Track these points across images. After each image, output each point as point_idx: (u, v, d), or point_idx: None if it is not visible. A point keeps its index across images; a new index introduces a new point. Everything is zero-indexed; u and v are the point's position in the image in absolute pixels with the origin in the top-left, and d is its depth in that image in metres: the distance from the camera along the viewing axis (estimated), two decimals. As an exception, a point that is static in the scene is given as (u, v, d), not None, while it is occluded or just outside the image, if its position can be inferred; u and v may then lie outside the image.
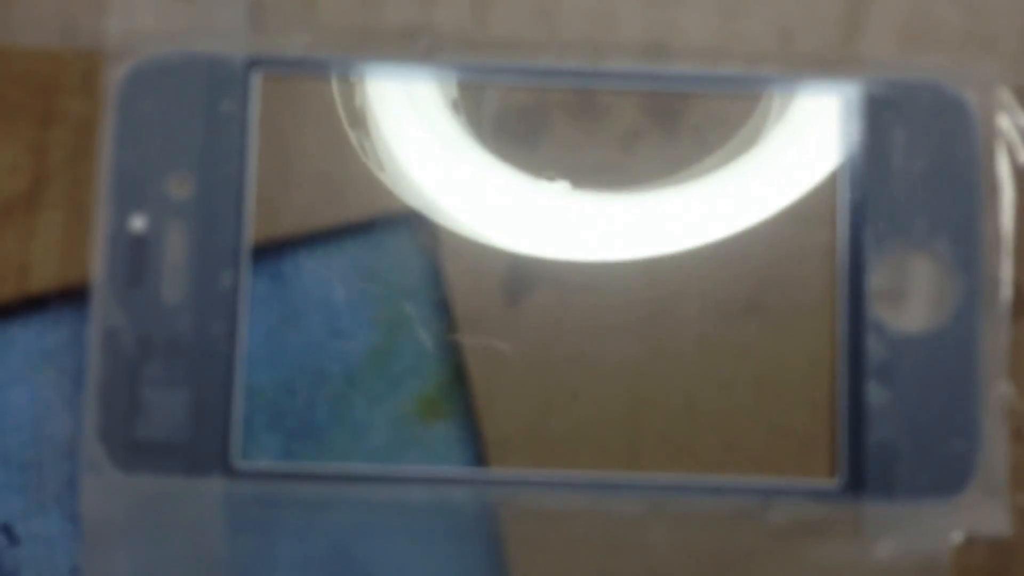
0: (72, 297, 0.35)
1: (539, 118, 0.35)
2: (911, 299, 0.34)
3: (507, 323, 0.35)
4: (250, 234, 0.34)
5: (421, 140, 0.35)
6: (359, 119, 0.35)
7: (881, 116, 0.34)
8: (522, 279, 0.35)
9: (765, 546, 0.34)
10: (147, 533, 0.34)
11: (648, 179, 0.35)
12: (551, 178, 0.35)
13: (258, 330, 0.35)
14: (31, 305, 0.35)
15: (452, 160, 0.35)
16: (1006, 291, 0.34)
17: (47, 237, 0.35)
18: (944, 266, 0.34)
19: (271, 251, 0.35)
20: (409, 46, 0.35)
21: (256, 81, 0.34)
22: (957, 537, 0.34)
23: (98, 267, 0.34)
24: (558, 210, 0.35)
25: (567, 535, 0.34)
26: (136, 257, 0.34)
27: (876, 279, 0.34)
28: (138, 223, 0.34)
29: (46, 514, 0.35)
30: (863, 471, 0.33)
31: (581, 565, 0.34)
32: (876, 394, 0.34)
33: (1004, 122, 0.35)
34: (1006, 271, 0.34)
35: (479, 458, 0.35)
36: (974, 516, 0.34)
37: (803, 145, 0.35)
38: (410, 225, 0.35)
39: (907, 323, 0.34)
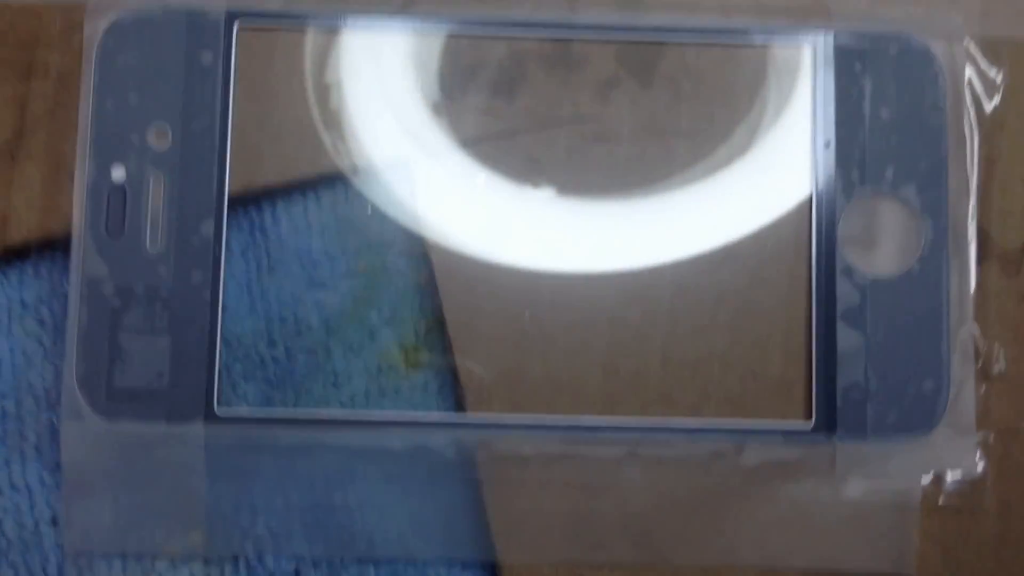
0: (52, 248, 0.35)
1: (515, 69, 0.35)
2: (880, 244, 0.35)
3: (485, 272, 0.35)
4: (229, 185, 0.34)
5: (390, 98, 0.36)
6: (334, 85, 0.35)
7: (851, 66, 0.35)
8: (499, 223, 0.35)
9: (739, 487, 0.34)
10: (128, 481, 0.34)
11: (623, 129, 0.35)
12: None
13: (237, 280, 0.35)
14: (11, 256, 0.35)
15: (431, 120, 0.36)
16: (972, 236, 0.35)
17: (27, 188, 0.35)
18: (912, 212, 0.35)
19: (250, 202, 0.35)
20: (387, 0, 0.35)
21: (235, 34, 0.35)
22: (927, 476, 0.34)
23: (78, 217, 0.34)
24: (531, 162, 0.35)
25: (543, 479, 0.34)
26: (116, 207, 0.34)
27: (846, 225, 0.35)
28: (118, 174, 0.34)
29: (26, 464, 0.35)
30: (835, 412, 0.34)
31: (557, 508, 0.34)
32: (847, 337, 0.34)
33: (970, 73, 0.36)
34: (972, 217, 0.35)
35: (457, 406, 0.35)
36: (943, 455, 0.34)
37: (774, 96, 0.35)
38: (389, 177, 0.35)
39: (877, 267, 0.35)
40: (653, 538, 0.34)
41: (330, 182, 0.35)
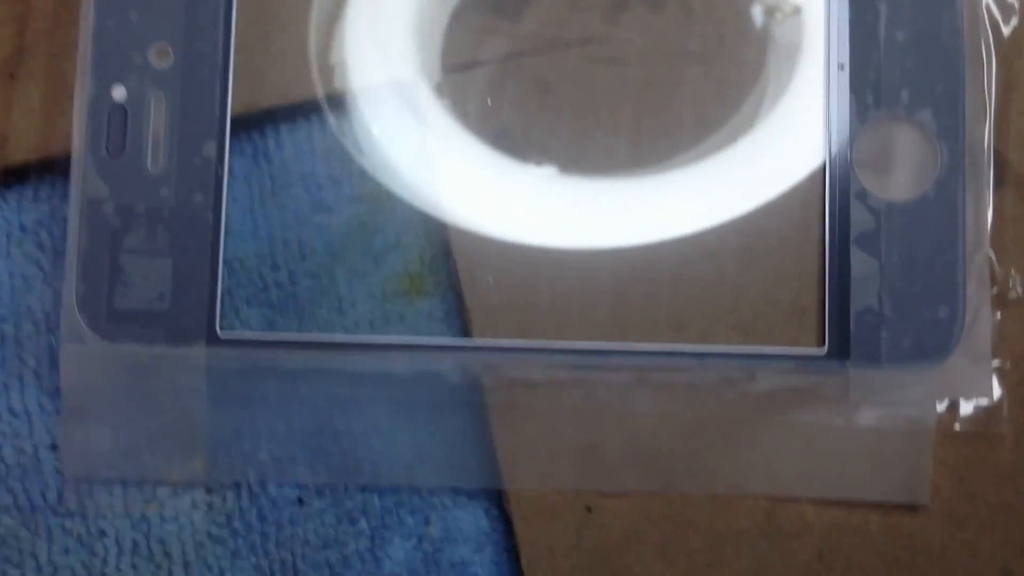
0: (52, 171, 0.35)
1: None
2: (896, 168, 0.34)
3: (492, 196, 0.34)
4: (232, 106, 0.34)
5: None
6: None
7: (865, -12, 0.34)
8: (506, 143, 0.35)
9: (750, 414, 0.34)
10: (128, 405, 0.33)
11: (633, 52, 0.35)
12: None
13: (240, 204, 0.35)
14: (10, 178, 0.35)
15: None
16: (988, 161, 0.34)
17: (27, 108, 0.34)
18: (928, 136, 0.34)
19: (253, 126, 0.35)
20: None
21: (238, -47, 0.34)
22: (942, 403, 0.34)
23: (79, 137, 0.33)
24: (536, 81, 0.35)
25: (551, 405, 0.34)
26: (117, 127, 0.33)
27: (861, 149, 0.34)
28: (119, 93, 0.33)
29: (25, 389, 0.34)
30: (848, 338, 0.33)
31: (565, 435, 0.34)
32: (861, 262, 0.34)
33: (987, -4, 0.35)
34: (988, 141, 0.34)
35: (463, 335, 0.34)
36: (959, 382, 0.34)
37: (787, 17, 0.35)
38: (393, 99, 0.35)
39: (891, 192, 0.34)
40: (662, 466, 0.34)
41: (334, 105, 0.35)
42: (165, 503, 0.34)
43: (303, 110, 0.35)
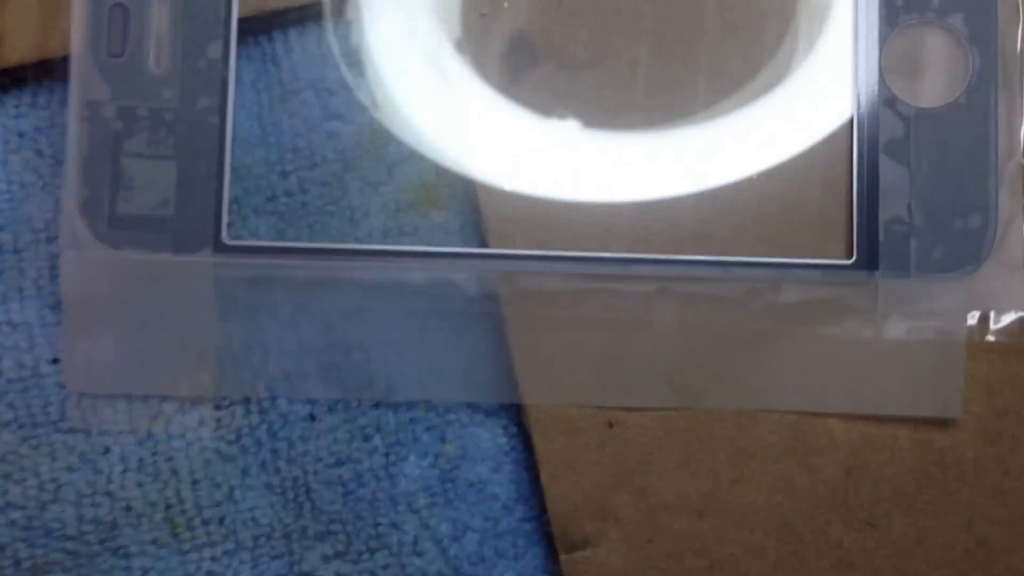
0: (50, 75, 0.33)
1: None
2: (926, 74, 0.33)
3: (511, 107, 0.33)
4: (239, 5, 0.32)
5: None
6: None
7: None
8: (525, 53, 0.33)
9: (776, 327, 0.33)
10: (132, 317, 0.32)
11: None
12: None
13: (248, 111, 0.33)
14: (6, 80, 0.33)
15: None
16: (1021, 67, 0.33)
17: (22, 6, 0.33)
18: (959, 41, 0.33)
19: (261, 30, 0.33)
20: None
21: None
22: (973, 315, 0.33)
23: (78, 36, 0.32)
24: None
25: (570, 317, 0.33)
26: (118, 26, 0.32)
27: (890, 54, 0.33)
28: (120, -10, 0.32)
29: (24, 301, 0.33)
30: (877, 248, 0.32)
31: (585, 348, 0.33)
32: (890, 170, 0.33)
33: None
34: (1021, 47, 0.33)
35: (480, 247, 0.33)
36: (990, 293, 0.33)
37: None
38: (405, 3, 0.33)
39: (922, 98, 0.33)
40: (686, 380, 0.33)
41: (344, 7, 0.33)
42: (171, 419, 0.33)
43: (313, 13, 0.33)
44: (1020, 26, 0.33)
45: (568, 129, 0.33)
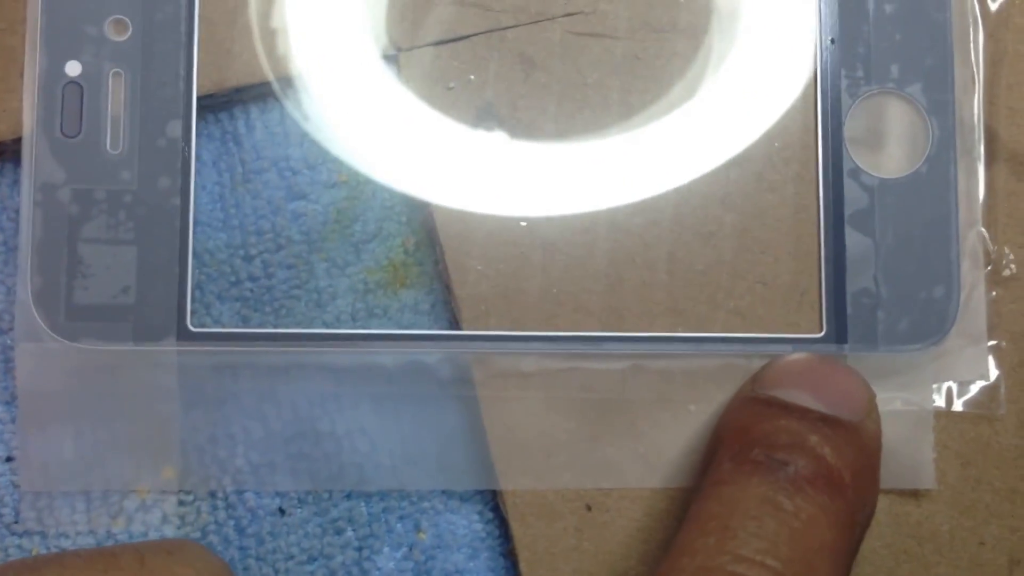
0: (1, 154, 0.32)
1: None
2: (888, 144, 0.33)
3: (478, 179, 0.33)
4: (198, 82, 0.31)
5: None
6: None
7: (852, -37, 0.34)
8: (491, 121, 0.33)
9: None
10: (91, 410, 0.31)
11: (620, 25, 0.33)
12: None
13: (210, 191, 0.32)
14: (-49, 163, 0.32)
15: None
16: (979, 135, 0.34)
17: (-31, 86, 0.31)
18: (919, 111, 0.33)
19: (222, 108, 0.32)
20: None
21: (199, -79, 0.32)
22: (940, 385, 0.33)
23: (30, 116, 0.30)
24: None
25: (545, 397, 0.32)
26: (72, 105, 0.31)
27: (853, 125, 0.33)
28: (73, 69, 0.31)
29: (-27, 396, 0.31)
30: (845, 321, 0.32)
31: (561, 430, 0.32)
32: (856, 241, 0.33)
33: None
34: (979, 116, 0.34)
35: (451, 327, 0.33)
36: (956, 363, 0.33)
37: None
38: (371, 77, 0.33)
39: (884, 169, 0.33)
40: (665, 459, 0.32)
41: (307, 85, 0.32)
42: (133, 517, 0.31)
43: (274, 90, 0.33)
44: (976, 95, 0.34)
45: (542, 208, 0.33)
